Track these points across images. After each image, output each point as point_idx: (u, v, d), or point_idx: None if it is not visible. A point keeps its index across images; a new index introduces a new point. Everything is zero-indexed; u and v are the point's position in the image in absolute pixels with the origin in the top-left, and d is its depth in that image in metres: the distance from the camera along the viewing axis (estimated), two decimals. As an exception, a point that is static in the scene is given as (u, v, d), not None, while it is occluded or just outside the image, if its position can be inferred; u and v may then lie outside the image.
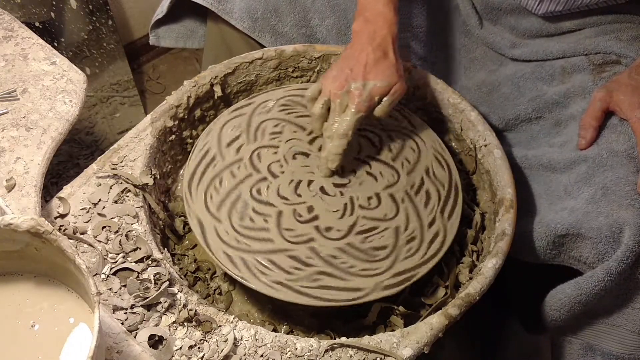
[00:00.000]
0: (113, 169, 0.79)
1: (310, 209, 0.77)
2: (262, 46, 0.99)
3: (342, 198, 0.79)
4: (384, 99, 0.78)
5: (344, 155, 0.78)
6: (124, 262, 0.71)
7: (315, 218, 0.76)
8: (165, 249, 0.77)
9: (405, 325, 0.72)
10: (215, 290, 0.81)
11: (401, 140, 0.85)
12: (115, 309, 0.68)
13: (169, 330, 0.67)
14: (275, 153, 0.82)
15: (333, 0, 0.98)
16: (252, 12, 0.97)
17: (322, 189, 0.79)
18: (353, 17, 0.97)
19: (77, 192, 0.77)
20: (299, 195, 0.78)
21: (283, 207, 0.77)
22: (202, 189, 0.79)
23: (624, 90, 0.82)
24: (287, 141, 0.83)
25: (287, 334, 0.76)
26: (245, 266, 0.72)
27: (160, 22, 1.07)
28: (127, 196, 0.77)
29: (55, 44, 1.27)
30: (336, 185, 0.80)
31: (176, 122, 0.87)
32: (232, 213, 0.76)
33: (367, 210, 0.78)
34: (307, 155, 0.82)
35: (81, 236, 0.73)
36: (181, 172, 0.90)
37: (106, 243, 0.73)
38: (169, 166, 0.88)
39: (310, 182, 0.80)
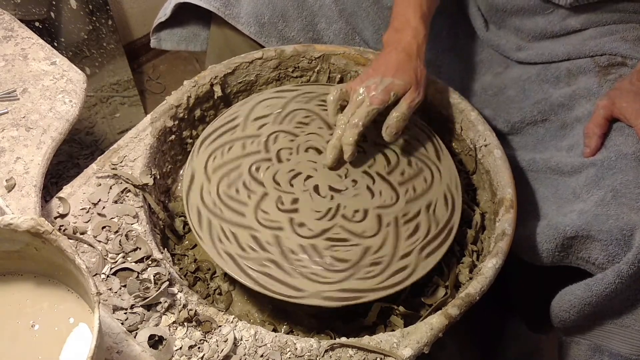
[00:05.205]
0: (113, 169, 0.79)
1: (294, 201, 0.78)
2: None
3: (330, 202, 0.78)
4: (396, 109, 0.79)
5: (356, 147, 0.78)
6: (124, 262, 0.71)
7: (295, 211, 0.77)
8: (165, 249, 0.77)
9: (405, 325, 0.72)
10: (215, 290, 0.81)
11: (418, 168, 0.83)
12: (115, 309, 0.68)
13: (169, 330, 0.67)
14: (292, 140, 0.84)
15: (340, 5, 0.98)
16: (259, 17, 0.97)
17: (315, 187, 0.79)
18: (360, 22, 0.98)
19: (77, 192, 0.77)
20: (291, 185, 0.79)
21: (271, 191, 0.78)
22: (211, 148, 0.82)
23: (626, 97, 0.81)
24: (308, 134, 0.85)
25: (287, 334, 0.76)
26: (208, 228, 0.75)
27: (162, 25, 1.06)
28: (127, 196, 0.77)
29: (55, 44, 1.27)
30: (331, 188, 0.79)
31: (176, 122, 0.87)
32: (223, 179, 0.79)
33: (348, 221, 0.76)
34: (319, 152, 0.83)
35: (81, 236, 0.73)
36: (181, 172, 0.91)
37: (106, 243, 0.73)
38: (169, 166, 0.88)
39: (308, 177, 0.80)
